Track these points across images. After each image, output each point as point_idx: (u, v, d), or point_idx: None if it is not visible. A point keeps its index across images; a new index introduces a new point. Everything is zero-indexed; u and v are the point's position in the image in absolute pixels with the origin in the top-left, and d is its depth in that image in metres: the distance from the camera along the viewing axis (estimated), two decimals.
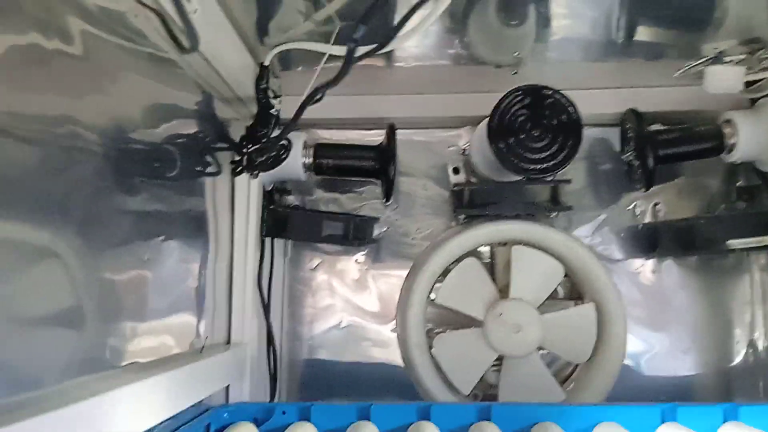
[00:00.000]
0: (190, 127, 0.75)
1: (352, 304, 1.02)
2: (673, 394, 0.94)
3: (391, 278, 1.01)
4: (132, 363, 0.55)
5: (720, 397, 0.95)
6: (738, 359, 0.96)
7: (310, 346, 1.03)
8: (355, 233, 0.90)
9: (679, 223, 0.90)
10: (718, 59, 0.83)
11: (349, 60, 0.63)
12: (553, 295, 0.97)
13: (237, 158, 0.79)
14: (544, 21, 0.91)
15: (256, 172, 0.78)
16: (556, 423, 0.68)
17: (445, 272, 0.94)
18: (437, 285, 0.95)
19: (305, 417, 0.71)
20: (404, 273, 0.99)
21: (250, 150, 0.75)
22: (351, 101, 1.00)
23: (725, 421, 0.68)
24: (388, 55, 0.99)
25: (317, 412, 0.71)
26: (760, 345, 0.95)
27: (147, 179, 0.61)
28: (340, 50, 0.73)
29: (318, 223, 0.89)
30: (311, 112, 1.01)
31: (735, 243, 0.82)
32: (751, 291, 0.95)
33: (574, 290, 0.98)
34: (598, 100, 0.96)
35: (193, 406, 0.66)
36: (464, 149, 1.00)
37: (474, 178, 0.97)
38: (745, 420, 0.68)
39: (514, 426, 0.69)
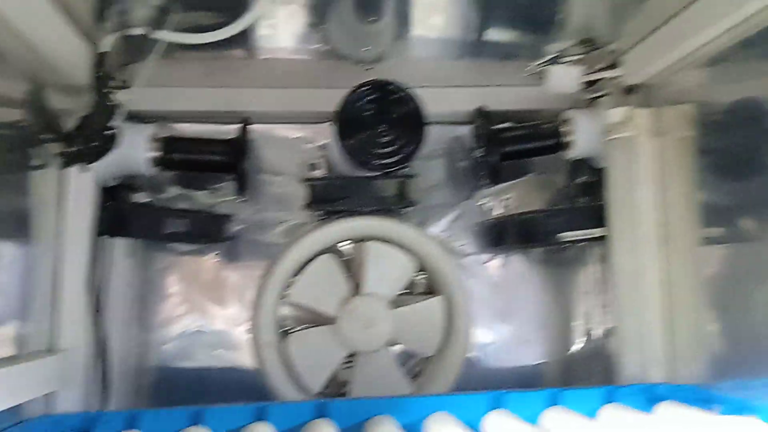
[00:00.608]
0: (11, 117, 0.69)
1: (206, 306, 0.99)
2: (518, 382, 0.99)
3: (248, 278, 0.99)
4: None
5: (561, 384, 1.00)
6: (576, 347, 1.02)
7: (161, 352, 0.99)
8: (202, 231, 0.87)
9: (520, 217, 0.94)
10: (557, 59, 0.87)
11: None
12: (412, 290, 0.99)
13: (66, 150, 0.74)
14: (401, 18, 0.92)
15: (86, 165, 0.73)
16: (391, 415, 0.69)
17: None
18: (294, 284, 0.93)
19: (132, 425, 0.67)
20: (261, 272, 0.97)
21: (77, 142, 0.70)
22: (209, 93, 0.97)
23: (550, 405, 0.72)
24: (249, 48, 0.97)
25: (145, 419, 0.67)
26: (596, 333, 1.01)
27: None
28: (177, 37, 0.71)
29: (161, 220, 0.85)
30: (167, 104, 0.98)
31: (566, 236, 0.86)
32: (588, 282, 1.01)
33: (429, 286, 1.00)
34: (453, 98, 0.99)
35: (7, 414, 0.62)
36: (323, 145, 1.00)
37: (333, 174, 0.96)
38: (568, 404, 0.72)
39: (350, 421, 0.69)
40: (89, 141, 0.70)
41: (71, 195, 0.76)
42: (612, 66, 0.86)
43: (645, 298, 0.80)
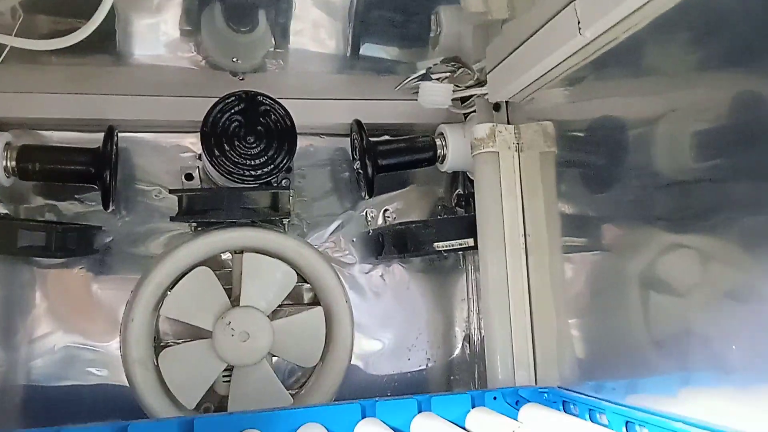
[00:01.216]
0: None
1: (73, 321, 0.94)
2: (403, 388, 1.00)
3: (119, 292, 0.95)
4: None
5: (445, 387, 1.03)
6: (457, 352, 1.05)
7: (28, 370, 0.93)
8: (60, 243, 0.82)
9: (397, 227, 0.96)
10: (426, 76, 0.90)
11: None
12: (298, 301, 0.98)
13: None
14: (278, 30, 0.92)
15: None
16: (260, 430, 0.68)
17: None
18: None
19: None
20: (133, 286, 0.93)
21: None
22: (74, 100, 0.92)
23: (419, 411, 0.74)
24: (118, 54, 0.93)
25: None
26: (475, 338, 1.05)
27: None
28: (25, 43, 0.67)
29: (12, 232, 0.80)
30: (27, 111, 0.92)
31: (440, 245, 0.89)
32: (466, 289, 1.05)
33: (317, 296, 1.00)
34: (333, 110, 1.00)
35: None
36: (199, 154, 0.98)
37: (209, 184, 0.94)
38: (437, 410, 0.74)
39: None
40: None
41: None
42: (480, 83, 0.90)
43: (511, 305, 0.84)
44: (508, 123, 0.89)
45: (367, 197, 0.94)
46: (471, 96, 0.94)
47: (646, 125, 0.70)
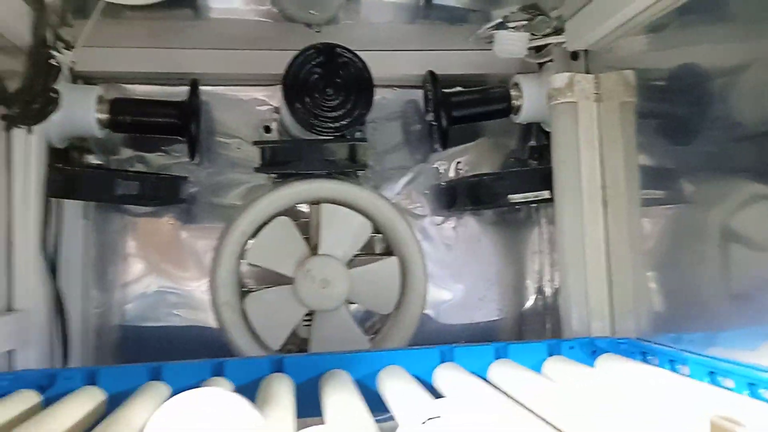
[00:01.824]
0: None
1: (163, 266, 0.99)
2: (473, 338, 1.03)
3: (204, 239, 1.00)
4: None
5: (513, 339, 1.05)
6: (528, 304, 1.06)
7: (122, 312, 0.99)
8: (153, 192, 0.87)
9: (471, 179, 0.97)
10: (503, 25, 0.89)
11: None
12: (371, 251, 1.01)
13: (10, 112, 0.72)
14: None
15: (30, 127, 0.72)
16: (345, 369, 0.72)
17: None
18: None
19: (92, 381, 0.69)
20: (218, 234, 0.98)
21: (19, 104, 0.69)
22: (158, 54, 0.96)
23: (497, 358, 0.76)
24: (197, 8, 0.96)
25: (105, 375, 0.69)
26: (547, 290, 1.06)
27: None
28: None
29: (110, 181, 0.85)
30: (115, 65, 0.96)
31: (515, 197, 0.89)
32: (539, 241, 1.06)
33: (389, 247, 1.02)
34: (404, 61, 1.00)
35: None
36: (276, 107, 1.00)
37: (287, 137, 0.97)
38: (514, 357, 0.76)
39: (306, 376, 0.72)
40: (30, 103, 0.68)
41: (18, 156, 0.75)
42: (557, 32, 0.88)
43: (587, 257, 0.84)
44: (587, 72, 0.87)
45: (440, 149, 0.95)
46: (546, 45, 0.92)
47: (731, 74, 0.68)
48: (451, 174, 1.05)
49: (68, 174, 0.83)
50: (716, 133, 0.70)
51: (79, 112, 0.82)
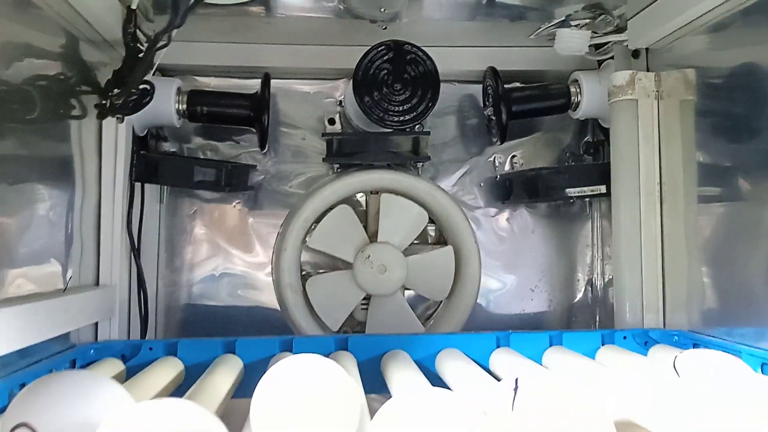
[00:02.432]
0: (53, 70, 0.74)
1: (230, 250, 1.05)
2: (523, 328, 1.05)
3: (269, 225, 1.05)
4: None
5: (564, 329, 1.07)
6: (579, 296, 1.09)
7: (189, 290, 1.06)
8: (227, 180, 0.93)
9: (528, 173, 0.99)
10: (565, 23, 0.91)
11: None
12: (424, 240, 1.05)
13: (102, 102, 0.79)
14: None
15: (120, 116, 0.78)
16: (405, 350, 0.76)
17: (320, 218, 0.99)
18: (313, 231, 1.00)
19: (172, 352, 0.75)
20: (281, 220, 1.03)
21: (113, 94, 0.75)
22: (231, 49, 1.01)
23: (550, 345, 0.79)
24: (269, 6, 1.00)
25: (183, 347, 0.74)
26: (598, 283, 1.07)
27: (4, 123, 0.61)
28: None
29: (189, 168, 0.91)
30: (190, 59, 1.02)
31: (572, 191, 0.92)
32: (591, 235, 1.07)
33: (443, 236, 1.06)
34: (465, 57, 1.03)
35: (58, 343, 0.69)
36: (340, 100, 1.04)
37: (349, 129, 1.01)
38: (568, 345, 0.78)
39: (368, 355, 0.76)
40: (127, 95, 0.74)
41: (108, 144, 0.81)
42: (619, 30, 0.89)
43: (643, 251, 0.86)
44: (648, 70, 0.89)
45: (499, 143, 0.97)
46: (606, 43, 0.94)
47: None
48: (507, 167, 1.08)
49: (151, 160, 0.89)
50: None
51: (161, 102, 0.88)
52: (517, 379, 0.34)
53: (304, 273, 1.03)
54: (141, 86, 0.76)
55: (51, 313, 0.64)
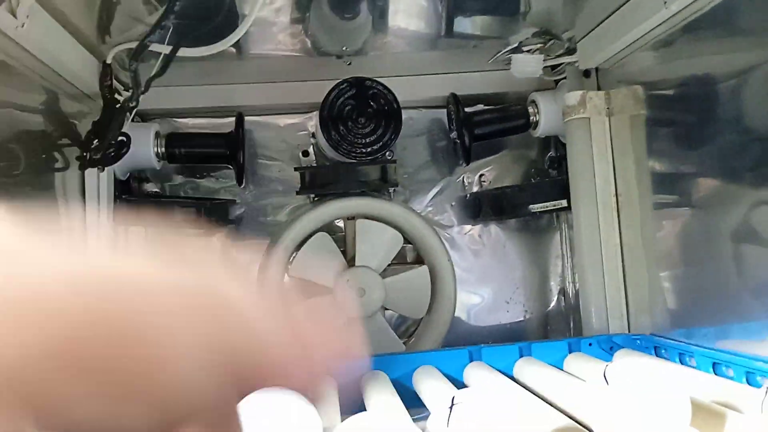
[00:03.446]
0: (36, 126, 0.79)
1: None
2: (502, 338, 1.10)
3: (252, 255, 1.09)
4: None
5: (542, 338, 1.12)
6: (552, 304, 1.13)
7: None
8: (208, 216, 0.97)
9: (493, 192, 1.04)
10: (518, 48, 0.96)
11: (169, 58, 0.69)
12: (402, 259, 1.10)
13: (83, 154, 0.83)
14: (377, 14, 1.00)
15: (101, 166, 0.83)
16: (383, 370, 0.80)
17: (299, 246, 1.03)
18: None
19: None
20: (262, 249, 1.07)
21: (93, 146, 0.80)
22: (205, 91, 1.06)
23: (521, 356, 0.83)
24: (239, 47, 1.05)
25: None
26: (570, 291, 1.12)
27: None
28: (169, 49, 0.80)
29: (170, 209, 0.96)
30: (167, 103, 1.07)
31: (535, 207, 0.97)
32: (561, 246, 1.12)
33: (419, 256, 1.10)
34: (428, 85, 1.08)
35: None
36: (313, 133, 1.09)
37: (324, 159, 1.06)
38: (537, 355, 0.83)
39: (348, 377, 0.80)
40: (105, 149, 0.79)
41: (91, 192, 0.86)
42: (570, 52, 0.95)
43: (604, 259, 0.91)
44: (599, 89, 0.94)
45: (464, 165, 1.02)
46: (560, 64, 0.99)
47: (736, 83, 0.74)
48: (476, 187, 1.12)
49: (133, 204, 0.94)
50: (724, 138, 0.75)
51: (140, 148, 0.93)
52: (453, 397, 0.39)
53: None
54: (119, 138, 0.80)
55: None
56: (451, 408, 0.38)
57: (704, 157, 0.80)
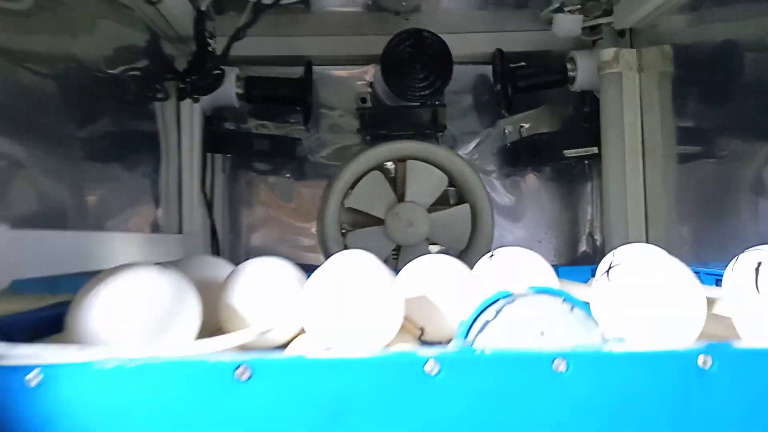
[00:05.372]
0: (143, 62, 0.94)
1: (282, 212, 1.25)
2: None
3: (313, 190, 1.24)
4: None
5: None
6: (581, 248, 1.25)
7: (248, 249, 1.25)
8: (280, 151, 1.12)
9: (531, 138, 1.16)
10: (560, 9, 1.07)
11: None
12: (446, 202, 1.22)
13: (181, 86, 0.98)
14: None
15: (197, 97, 0.97)
16: None
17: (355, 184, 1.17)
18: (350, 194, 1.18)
19: None
20: (323, 187, 1.21)
21: (191, 80, 0.94)
22: (278, 41, 1.19)
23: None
24: (308, 2, 1.19)
25: None
26: (597, 237, 1.23)
27: (108, 105, 0.81)
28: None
29: (249, 140, 1.10)
30: (244, 50, 1.20)
31: (569, 152, 1.08)
32: (591, 194, 1.23)
33: (461, 200, 1.23)
34: (476, 42, 1.19)
35: None
36: (371, 82, 1.22)
37: (379, 105, 1.19)
38: (562, 276, 0.95)
39: None
40: (201, 80, 0.93)
41: (186, 121, 1.01)
42: (607, 13, 1.05)
43: (627, 199, 1.02)
44: (631, 47, 1.04)
45: (507, 115, 1.14)
46: (598, 24, 1.09)
47: (757, 45, 0.83)
48: (515, 137, 1.24)
49: (218, 134, 1.09)
50: (744, 98, 0.85)
51: (224, 87, 1.07)
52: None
53: (343, 230, 1.21)
54: (215, 72, 0.94)
55: (148, 244, 0.84)
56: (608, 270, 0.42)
57: (725, 113, 0.90)
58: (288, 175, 1.25)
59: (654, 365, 0.32)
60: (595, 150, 1.08)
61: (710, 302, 0.44)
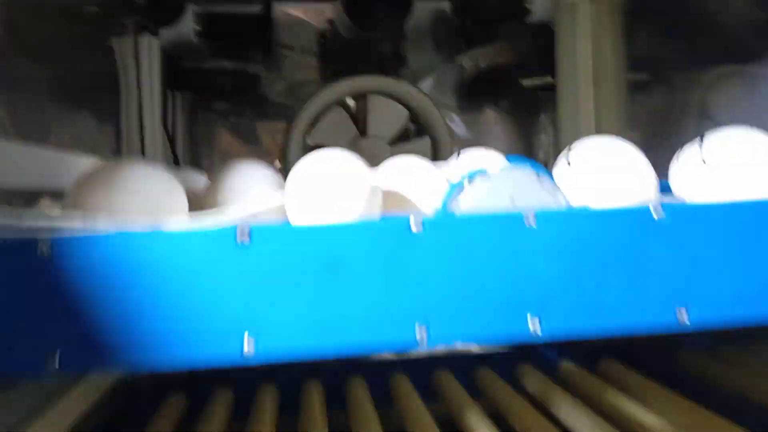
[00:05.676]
0: None
1: (243, 148, 1.25)
2: None
3: (276, 124, 1.25)
4: None
5: None
6: None
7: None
8: (240, 89, 1.12)
9: (489, 71, 1.19)
10: None
11: None
12: (406, 134, 1.25)
13: (139, 18, 0.96)
14: None
15: (156, 30, 0.96)
16: None
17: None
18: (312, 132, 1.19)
19: None
20: (283, 125, 1.22)
21: (149, 11, 0.93)
22: None
23: None
24: None
25: None
26: (550, 165, 1.28)
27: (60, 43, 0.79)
28: None
29: (209, 78, 1.10)
30: None
31: (527, 82, 1.11)
32: (545, 124, 1.28)
33: (421, 130, 1.25)
34: None
35: None
36: (331, 19, 1.22)
37: (339, 39, 1.19)
38: None
39: None
40: (160, 12, 0.92)
41: (144, 55, 1.00)
42: None
43: (581, 127, 1.06)
44: None
45: (466, 50, 1.17)
46: None
47: None
48: (473, 71, 1.27)
49: (178, 70, 1.08)
50: (691, 27, 0.90)
51: (182, 24, 1.06)
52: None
53: None
54: (173, 4, 0.93)
55: None
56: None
57: (674, 42, 0.95)
58: (249, 115, 1.25)
59: (611, 219, 0.36)
60: (551, 80, 1.12)
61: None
